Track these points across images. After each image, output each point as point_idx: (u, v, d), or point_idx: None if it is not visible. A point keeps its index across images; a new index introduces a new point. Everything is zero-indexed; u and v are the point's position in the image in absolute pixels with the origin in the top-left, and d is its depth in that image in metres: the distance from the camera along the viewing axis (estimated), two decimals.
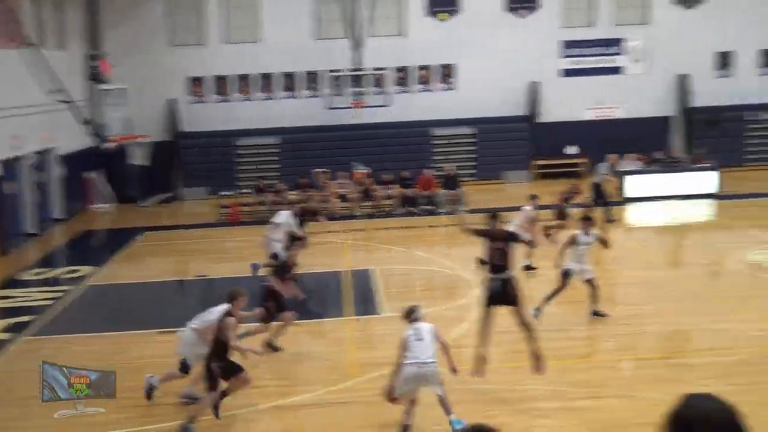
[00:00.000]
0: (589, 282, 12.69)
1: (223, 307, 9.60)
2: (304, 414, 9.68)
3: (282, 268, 12.06)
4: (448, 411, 8.73)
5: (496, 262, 10.19)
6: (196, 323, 10.07)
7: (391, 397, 8.88)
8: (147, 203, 26.17)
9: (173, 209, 25.77)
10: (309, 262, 17.85)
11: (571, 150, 27.97)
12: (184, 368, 10.02)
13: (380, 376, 10.55)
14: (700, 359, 10.99)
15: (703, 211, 22.48)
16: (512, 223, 15.63)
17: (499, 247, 10.18)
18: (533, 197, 16.51)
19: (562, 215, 17.74)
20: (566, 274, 12.61)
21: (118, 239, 21.20)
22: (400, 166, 24.60)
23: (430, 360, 8.67)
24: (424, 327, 8.88)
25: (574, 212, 17.44)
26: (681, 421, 2.84)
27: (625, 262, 16.69)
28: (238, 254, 19.33)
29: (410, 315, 9.05)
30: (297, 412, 9.77)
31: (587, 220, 12.98)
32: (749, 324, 12.24)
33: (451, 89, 28.21)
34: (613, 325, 12.55)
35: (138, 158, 26.25)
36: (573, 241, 12.75)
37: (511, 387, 9.64)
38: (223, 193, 24.93)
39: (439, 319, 10.89)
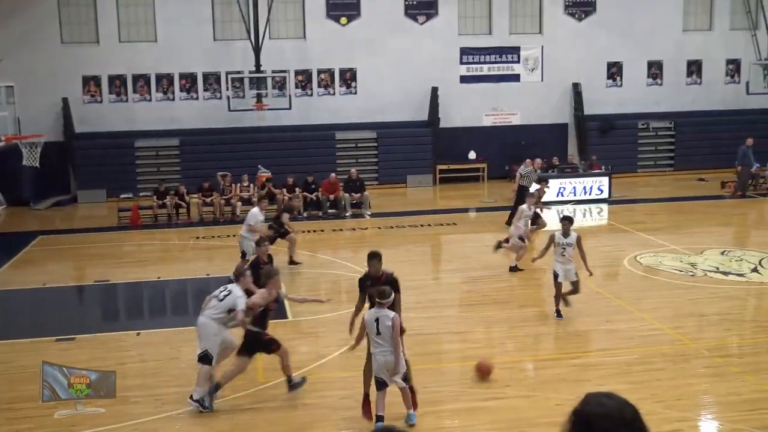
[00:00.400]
0: (574, 284, 13.01)
1: (234, 287, 9.98)
2: (211, 421, 9.60)
3: (255, 265, 12.24)
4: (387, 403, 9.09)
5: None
6: (214, 312, 9.88)
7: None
8: (41, 206, 25.29)
9: (69, 212, 25.00)
10: (211, 267, 17.73)
11: (471, 155, 28.57)
12: (207, 359, 9.83)
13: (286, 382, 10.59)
14: (597, 359, 11.44)
15: (596, 216, 23.36)
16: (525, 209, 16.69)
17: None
18: (542, 181, 18.39)
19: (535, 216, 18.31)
20: (555, 277, 12.92)
21: (11, 243, 20.40)
22: (303, 169, 24.58)
23: (390, 351, 8.85)
24: (384, 319, 8.86)
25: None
26: (582, 418, 2.97)
27: (523, 264, 17.19)
28: (139, 258, 18.96)
29: (382, 297, 8.88)
30: (204, 418, 9.67)
31: (566, 221, 13.11)
32: (641, 323, 12.83)
33: (353, 93, 28.37)
34: (513, 326, 12.93)
35: (29, 159, 25.29)
36: (552, 242, 13.06)
37: (417, 389, 9.79)
38: (122, 195, 24.34)
39: (346, 323, 10.96)
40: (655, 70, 29.98)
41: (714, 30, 30.17)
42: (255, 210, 16.43)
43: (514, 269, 16.17)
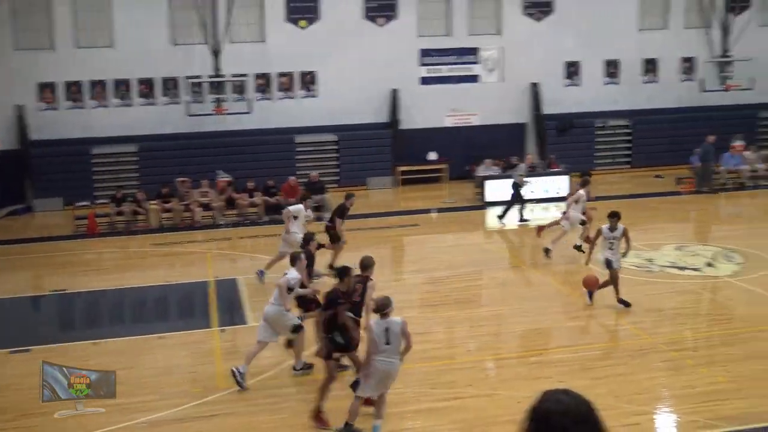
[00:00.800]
0: (614, 274, 13.41)
1: (290, 270, 10.70)
2: (172, 429, 9.50)
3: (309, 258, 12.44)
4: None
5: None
6: (275, 299, 10.58)
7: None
8: None
9: (25, 221, 24.55)
10: (171, 273, 17.56)
11: (432, 156, 28.63)
12: (299, 329, 10.64)
13: (247, 387, 10.53)
14: (558, 356, 11.53)
15: (557, 214, 23.49)
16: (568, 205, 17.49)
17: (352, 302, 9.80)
18: (585, 174, 18.72)
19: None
20: (608, 265, 13.32)
21: None
22: (263, 173, 24.44)
23: (397, 359, 8.82)
24: (394, 327, 8.77)
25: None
26: (540, 415, 2.99)
27: (484, 264, 17.31)
28: (97, 266, 18.70)
29: (383, 309, 8.80)
30: (164, 428, 9.56)
31: (614, 217, 13.57)
32: (604, 319, 12.96)
33: (313, 96, 28.30)
34: (474, 326, 12.98)
35: None
36: (599, 235, 13.63)
37: None
38: (78, 203, 23.99)
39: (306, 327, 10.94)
40: (612, 68, 30.32)
41: (669, 29, 30.59)
42: (299, 206, 16.24)
43: (578, 248, 16.76)
